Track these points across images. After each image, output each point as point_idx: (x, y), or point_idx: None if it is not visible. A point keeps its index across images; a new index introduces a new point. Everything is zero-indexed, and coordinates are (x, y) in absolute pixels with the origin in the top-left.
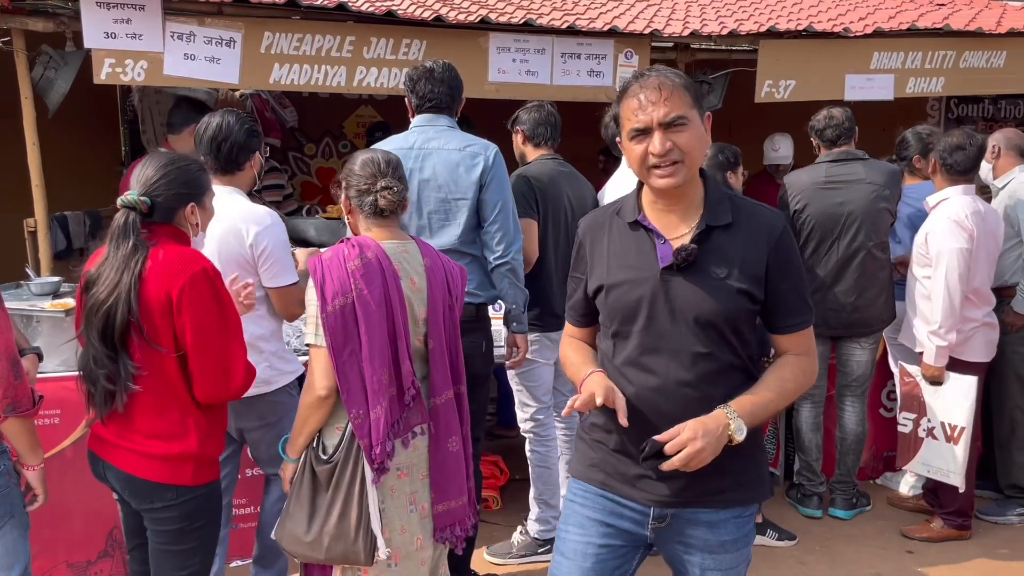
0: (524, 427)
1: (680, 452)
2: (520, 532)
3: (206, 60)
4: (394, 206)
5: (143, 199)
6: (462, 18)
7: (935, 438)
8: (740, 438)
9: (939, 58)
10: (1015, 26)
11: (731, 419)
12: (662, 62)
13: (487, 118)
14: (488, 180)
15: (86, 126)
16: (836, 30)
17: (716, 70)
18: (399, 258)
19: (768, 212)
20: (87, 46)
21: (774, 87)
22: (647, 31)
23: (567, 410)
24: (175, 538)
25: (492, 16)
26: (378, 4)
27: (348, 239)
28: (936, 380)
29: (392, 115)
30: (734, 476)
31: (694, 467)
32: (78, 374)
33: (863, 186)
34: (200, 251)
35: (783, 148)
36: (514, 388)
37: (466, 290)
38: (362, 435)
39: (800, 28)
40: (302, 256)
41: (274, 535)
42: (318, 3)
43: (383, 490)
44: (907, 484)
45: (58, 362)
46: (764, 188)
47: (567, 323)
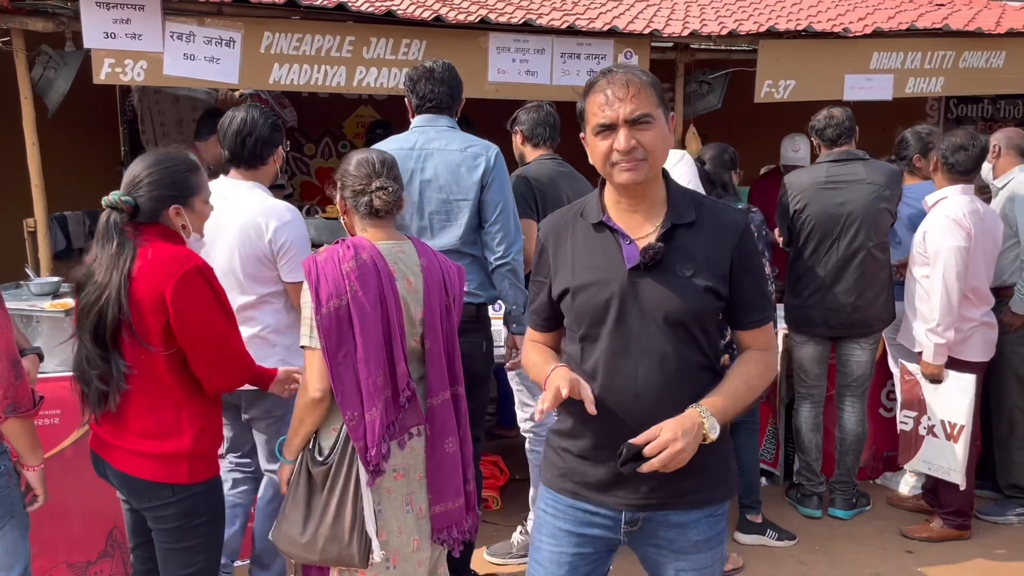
0: (524, 427)
1: (661, 453)
2: (520, 532)
3: (206, 60)
4: (389, 206)
5: (124, 199)
6: (462, 18)
7: (935, 436)
8: (714, 436)
9: (938, 58)
10: (1014, 26)
11: (704, 418)
12: (662, 62)
13: (487, 118)
14: (489, 181)
15: (86, 126)
16: (836, 30)
17: (716, 70)
18: (395, 259)
19: (730, 210)
20: (87, 46)
21: (774, 87)
22: (647, 31)
23: (538, 415)
24: (177, 536)
25: (492, 16)
26: (378, 4)
27: (343, 240)
28: (935, 378)
29: (392, 115)
30: (704, 476)
31: (673, 467)
32: (72, 374)
33: (863, 186)
34: (193, 248)
35: (803, 149)
36: (514, 388)
37: (467, 290)
38: (357, 437)
39: (800, 28)
40: None
41: (271, 536)
42: (318, 3)
43: (380, 491)
44: (907, 484)
45: (58, 362)
46: (773, 190)
47: (529, 328)
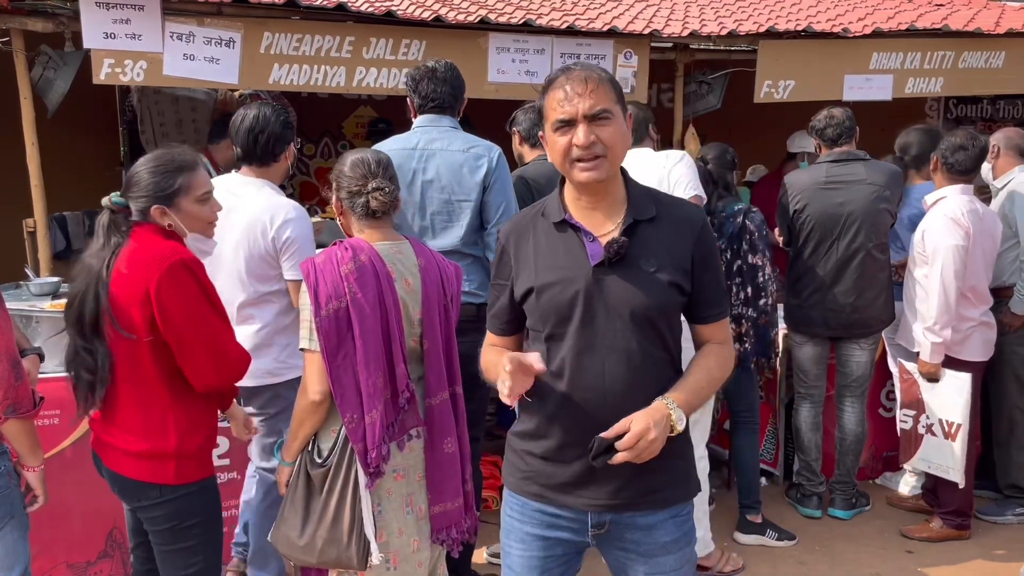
0: None
1: (636, 444)
2: None
3: (205, 60)
4: (386, 207)
5: (115, 200)
6: (461, 18)
7: (934, 435)
8: (680, 428)
9: (938, 58)
10: (1014, 26)
11: (672, 410)
12: (661, 62)
13: (486, 118)
14: (492, 182)
15: (85, 126)
16: (835, 30)
17: (715, 70)
18: (393, 259)
19: (688, 205)
20: (86, 46)
21: (773, 87)
22: (646, 31)
23: (511, 401)
24: (169, 538)
25: (491, 16)
26: (377, 4)
27: (340, 242)
28: (932, 377)
29: (391, 116)
30: (668, 475)
31: (645, 458)
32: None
33: (864, 187)
34: (203, 248)
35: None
36: None
37: (468, 290)
38: (356, 439)
39: (799, 28)
40: None
41: (270, 538)
42: (317, 3)
43: (380, 492)
44: (906, 484)
45: (58, 362)
46: (775, 189)
47: (488, 333)
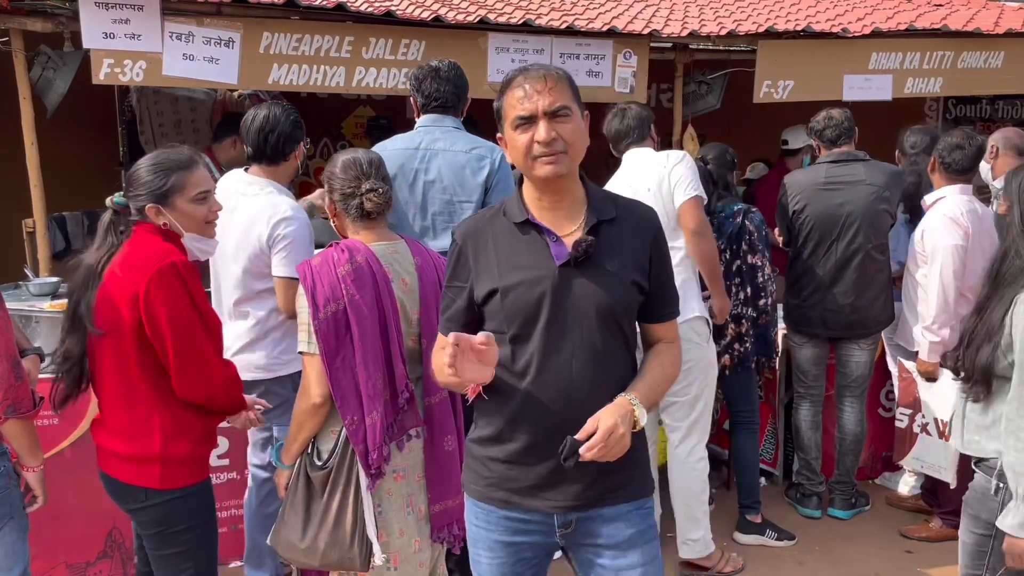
0: None
1: (607, 440)
2: None
3: (205, 60)
4: (381, 208)
5: (116, 200)
6: (461, 18)
7: (928, 434)
8: (643, 423)
9: (937, 58)
10: (1013, 26)
11: (635, 405)
12: (661, 62)
13: (486, 119)
14: (494, 183)
15: (84, 127)
16: (834, 30)
17: (715, 70)
18: (389, 259)
19: (644, 206)
20: (86, 46)
21: (773, 87)
22: (646, 31)
23: (471, 395)
24: (158, 542)
25: (491, 16)
26: (377, 4)
27: (336, 243)
28: (931, 376)
29: (390, 116)
30: (630, 471)
31: (616, 455)
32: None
33: (863, 187)
34: (203, 249)
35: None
36: None
37: None
38: (357, 441)
39: (798, 28)
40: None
41: (269, 541)
42: (317, 3)
43: (380, 493)
44: (906, 484)
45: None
46: (775, 189)
47: (440, 336)
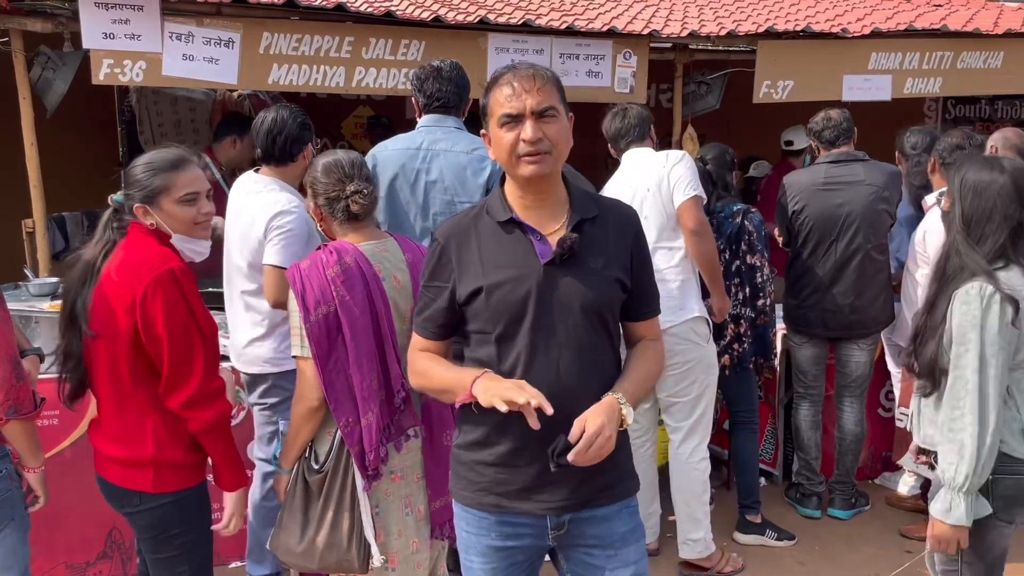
0: None
1: (595, 441)
2: None
3: (205, 60)
4: (367, 209)
5: (114, 199)
6: (461, 19)
7: None
8: (630, 422)
9: (937, 59)
10: (1012, 27)
11: (622, 404)
12: (660, 63)
13: None
14: (495, 184)
15: (84, 127)
16: (834, 31)
17: (714, 71)
18: (379, 258)
19: (625, 205)
20: (86, 47)
21: (772, 88)
22: (645, 31)
23: (459, 403)
24: (152, 546)
25: (491, 17)
26: (377, 5)
27: (325, 245)
28: None
29: (390, 116)
30: (616, 470)
31: (604, 455)
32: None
33: (862, 187)
34: (196, 251)
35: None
36: None
37: None
38: (352, 443)
39: (798, 29)
40: None
41: (269, 546)
42: (317, 3)
43: (377, 494)
44: (906, 484)
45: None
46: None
47: (416, 336)
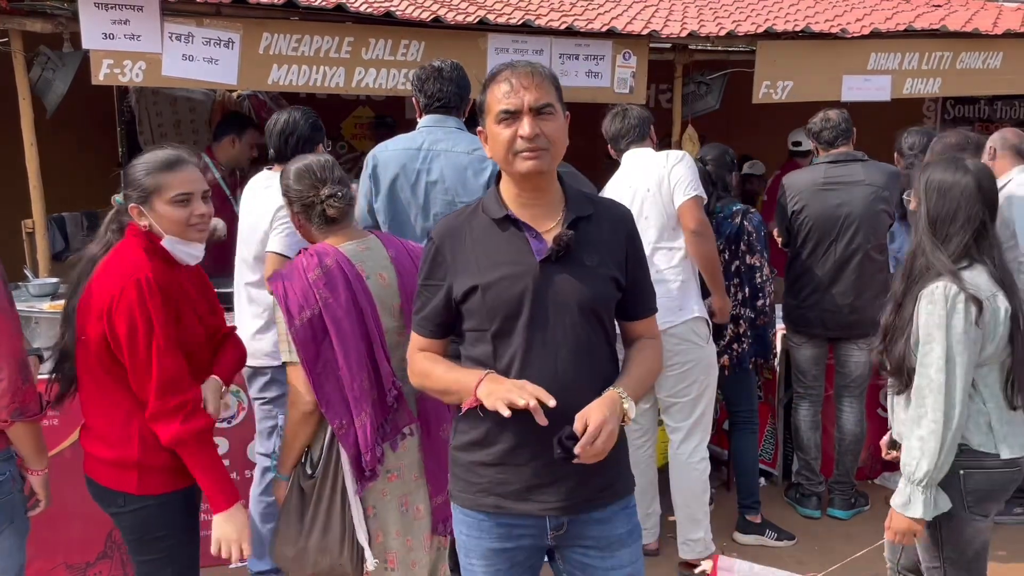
0: None
1: (599, 436)
2: None
3: (204, 61)
4: (343, 212)
5: (116, 200)
6: (460, 19)
7: None
8: (632, 416)
9: (936, 59)
10: (1011, 27)
11: (624, 399)
12: (660, 63)
13: None
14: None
15: (84, 127)
16: (833, 31)
17: (714, 71)
18: (362, 258)
19: (620, 205)
20: (85, 47)
21: (772, 88)
22: (645, 32)
23: (465, 408)
24: (136, 548)
25: (490, 17)
26: (376, 5)
27: (305, 250)
28: None
29: (389, 116)
30: (615, 468)
31: (609, 447)
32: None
33: (862, 188)
34: (191, 254)
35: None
36: None
37: None
38: (348, 445)
39: (797, 29)
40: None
41: (268, 553)
42: (316, 4)
43: (374, 494)
44: None
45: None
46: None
47: (415, 336)
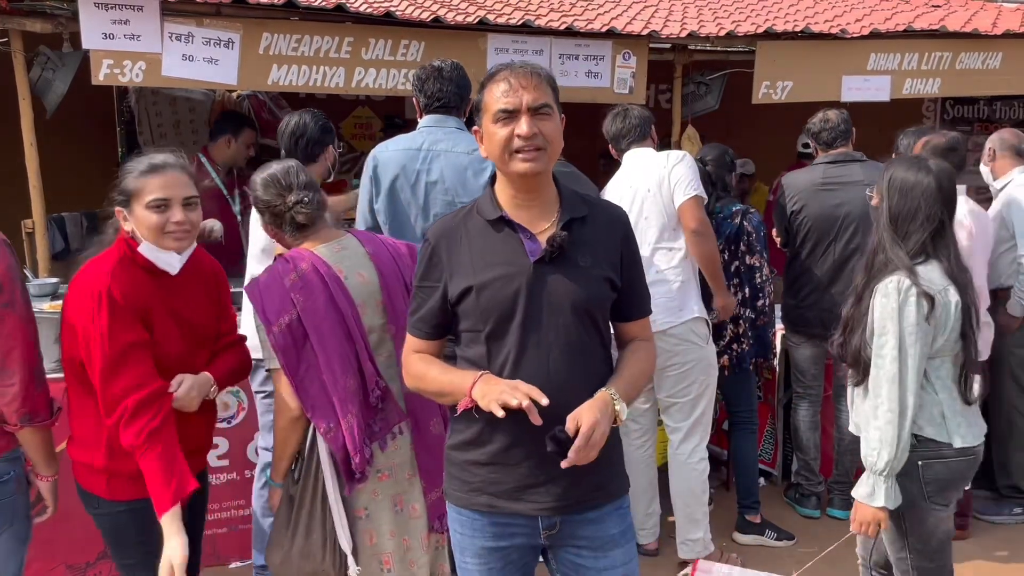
0: None
1: (591, 437)
2: None
3: (204, 61)
4: (313, 217)
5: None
6: (460, 19)
7: None
8: (624, 418)
9: (935, 59)
10: (1011, 27)
11: (615, 400)
12: (660, 63)
13: None
14: None
15: (83, 127)
16: (833, 31)
17: (714, 71)
18: (338, 259)
19: (614, 206)
20: (85, 47)
21: (771, 88)
22: (645, 32)
23: (461, 409)
24: (113, 550)
25: (490, 17)
26: (376, 5)
27: (280, 256)
28: None
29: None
30: (608, 468)
31: (599, 449)
32: None
33: (860, 188)
34: (171, 263)
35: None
36: None
37: None
38: (337, 447)
39: (797, 29)
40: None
41: (264, 560)
42: (316, 4)
43: (365, 496)
44: None
45: (54, 363)
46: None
47: (411, 338)
